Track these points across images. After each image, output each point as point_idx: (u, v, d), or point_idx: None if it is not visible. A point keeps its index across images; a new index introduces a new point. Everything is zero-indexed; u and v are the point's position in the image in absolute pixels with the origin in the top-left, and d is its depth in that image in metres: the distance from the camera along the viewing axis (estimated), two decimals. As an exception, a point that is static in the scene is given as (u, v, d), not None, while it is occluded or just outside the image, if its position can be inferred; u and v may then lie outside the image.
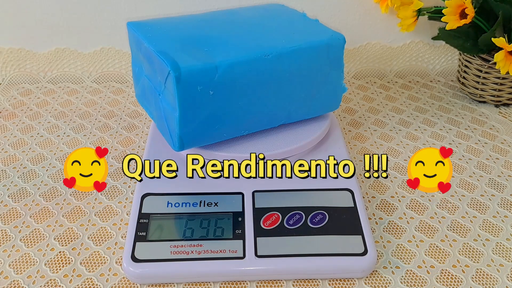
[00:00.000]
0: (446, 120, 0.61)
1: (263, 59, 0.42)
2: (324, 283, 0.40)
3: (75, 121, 0.60)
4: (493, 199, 0.48)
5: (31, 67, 0.69)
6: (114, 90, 0.67)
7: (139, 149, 0.55)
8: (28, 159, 0.53)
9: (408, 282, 0.40)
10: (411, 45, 0.72)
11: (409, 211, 0.47)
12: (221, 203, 0.43)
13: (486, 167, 0.53)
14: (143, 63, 0.45)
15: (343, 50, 0.46)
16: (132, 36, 0.46)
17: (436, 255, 0.42)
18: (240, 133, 0.44)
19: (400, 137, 0.58)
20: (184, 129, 0.41)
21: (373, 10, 0.69)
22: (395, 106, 0.64)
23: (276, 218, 0.41)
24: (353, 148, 0.56)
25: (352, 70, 0.72)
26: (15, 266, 0.41)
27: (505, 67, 0.55)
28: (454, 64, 0.72)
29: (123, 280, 0.40)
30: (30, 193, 0.48)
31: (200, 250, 0.39)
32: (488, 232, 0.44)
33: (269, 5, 0.53)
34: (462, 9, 0.56)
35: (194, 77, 0.39)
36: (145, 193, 0.43)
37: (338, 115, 0.62)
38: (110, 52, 0.69)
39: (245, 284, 0.39)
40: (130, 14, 0.67)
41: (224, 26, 0.46)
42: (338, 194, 0.43)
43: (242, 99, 0.42)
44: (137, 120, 0.60)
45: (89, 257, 0.42)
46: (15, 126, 0.59)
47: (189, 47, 0.41)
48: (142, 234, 0.40)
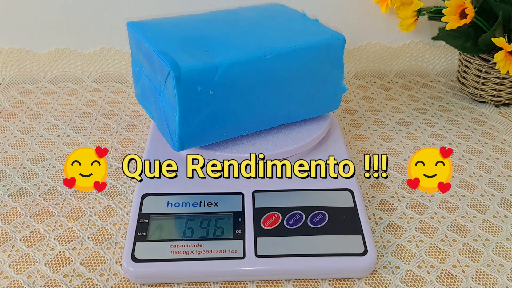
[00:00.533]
0: (446, 120, 0.61)
1: (263, 59, 0.42)
2: (324, 283, 0.40)
3: (75, 121, 0.60)
4: (493, 199, 0.48)
5: (31, 67, 0.69)
6: (114, 90, 0.67)
7: (139, 149, 0.55)
8: (28, 159, 0.53)
9: (408, 282, 0.40)
10: (411, 45, 0.72)
11: (409, 211, 0.47)
12: (221, 203, 0.43)
13: (486, 167, 0.53)
14: (143, 63, 0.45)
15: (343, 50, 0.46)
16: (132, 36, 0.46)
17: (436, 255, 0.42)
18: (240, 133, 0.44)
19: (400, 137, 0.58)
20: (184, 129, 0.41)
21: (373, 10, 0.69)
22: (395, 106, 0.64)
23: (276, 218, 0.41)
24: (353, 148, 0.56)
25: (352, 70, 0.72)
26: (15, 266, 0.41)
27: (505, 67, 0.55)
28: (454, 64, 0.72)
29: (123, 280, 0.40)
30: (30, 193, 0.48)
31: (200, 250, 0.39)
32: (488, 232, 0.44)
33: (269, 5, 0.53)
34: (462, 9, 0.56)
35: (194, 77, 0.39)
36: (145, 193, 0.43)
37: (338, 115, 0.62)
38: (110, 52, 0.69)
39: (245, 284, 0.39)
40: (130, 14, 0.67)
41: (224, 26, 0.46)
42: (338, 194, 0.43)
43: (242, 99, 0.42)
44: (137, 120, 0.60)
45: (89, 257, 0.42)
46: (15, 126, 0.59)
47: (189, 47, 0.41)
48: (142, 234, 0.40)
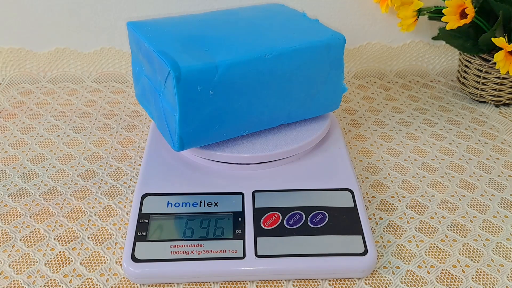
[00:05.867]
0: (446, 120, 0.61)
1: (263, 59, 0.42)
2: (324, 283, 0.40)
3: (75, 121, 0.60)
4: (493, 199, 0.48)
5: (31, 67, 0.69)
6: (114, 90, 0.67)
7: (139, 149, 0.55)
8: (28, 159, 0.53)
9: (408, 282, 0.40)
10: (411, 45, 0.72)
11: (409, 211, 0.47)
12: (221, 203, 0.43)
13: (486, 167, 0.53)
14: (143, 63, 0.45)
15: (343, 50, 0.46)
16: (132, 36, 0.46)
17: (436, 255, 0.42)
18: (240, 133, 0.44)
19: (400, 137, 0.58)
20: (184, 129, 0.41)
21: (373, 10, 0.69)
22: (395, 106, 0.64)
23: (276, 218, 0.41)
24: (353, 148, 0.56)
25: (352, 70, 0.72)
26: (15, 266, 0.41)
27: (505, 67, 0.55)
28: (454, 64, 0.72)
29: (123, 280, 0.40)
30: (30, 193, 0.48)
31: (200, 250, 0.39)
32: (488, 232, 0.44)
33: (269, 5, 0.53)
34: (462, 9, 0.56)
35: (194, 77, 0.39)
36: (145, 193, 0.43)
37: (338, 115, 0.62)
38: (110, 52, 0.69)
39: (245, 284, 0.39)
40: (130, 14, 0.67)
41: (224, 26, 0.46)
42: (338, 194, 0.43)
43: (242, 99, 0.42)
44: (137, 120, 0.60)
45: (89, 257, 0.42)
46: (15, 126, 0.59)
47: (189, 47, 0.41)
48: (142, 234, 0.40)
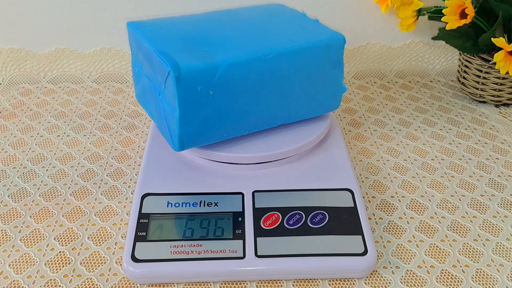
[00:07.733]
0: (446, 120, 0.61)
1: (263, 59, 0.42)
2: (324, 283, 0.40)
3: (75, 121, 0.60)
4: (493, 199, 0.48)
5: (31, 67, 0.69)
6: (114, 90, 0.67)
7: (139, 149, 0.55)
8: (28, 159, 0.53)
9: (408, 282, 0.40)
10: (411, 45, 0.72)
11: (409, 211, 0.47)
12: (221, 203, 0.43)
13: (486, 167, 0.53)
14: (143, 63, 0.45)
15: (343, 50, 0.46)
16: (132, 36, 0.46)
17: (436, 255, 0.42)
18: (240, 133, 0.44)
19: (400, 137, 0.58)
20: (184, 129, 0.41)
21: (373, 10, 0.69)
22: (395, 106, 0.64)
23: (276, 218, 0.41)
24: (353, 148, 0.56)
25: (352, 70, 0.72)
26: (15, 266, 0.41)
27: (505, 67, 0.55)
28: (454, 64, 0.72)
29: (123, 280, 0.40)
30: (30, 193, 0.48)
31: (200, 250, 0.39)
32: (488, 232, 0.44)
33: (269, 5, 0.53)
34: (462, 9, 0.56)
35: (194, 77, 0.39)
36: (145, 193, 0.43)
37: (338, 115, 0.62)
38: (110, 52, 0.69)
39: (245, 284, 0.39)
40: (130, 14, 0.67)
41: (224, 26, 0.46)
42: (338, 194, 0.43)
43: (242, 99, 0.42)
44: (137, 120, 0.60)
45: (89, 257, 0.42)
46: (15, 126, 0.59)
47: (189, 47, 0.41)
48: (142, 234, 0.40)
